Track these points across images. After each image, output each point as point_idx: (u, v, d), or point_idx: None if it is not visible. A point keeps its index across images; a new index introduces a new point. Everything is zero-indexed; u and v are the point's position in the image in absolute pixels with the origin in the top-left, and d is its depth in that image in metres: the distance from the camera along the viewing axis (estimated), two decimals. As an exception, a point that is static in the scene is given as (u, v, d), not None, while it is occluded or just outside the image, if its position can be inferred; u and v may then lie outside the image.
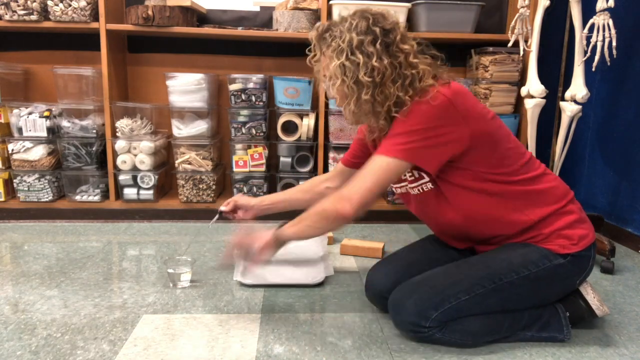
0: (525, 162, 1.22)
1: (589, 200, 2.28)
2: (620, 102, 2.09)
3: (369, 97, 1.15)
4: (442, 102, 1.12)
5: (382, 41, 1.14)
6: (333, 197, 1.18)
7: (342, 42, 1.14)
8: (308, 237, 1.26)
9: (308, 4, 2.24)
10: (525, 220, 1.21)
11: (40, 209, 2.22)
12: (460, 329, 1.18)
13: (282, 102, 2.29)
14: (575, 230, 1.21)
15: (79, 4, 2.09)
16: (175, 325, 1.28)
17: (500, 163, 1.19)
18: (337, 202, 1.16)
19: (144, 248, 1.90)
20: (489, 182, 1.19)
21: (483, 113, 1.19)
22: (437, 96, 1.12)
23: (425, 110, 1.12)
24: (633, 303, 1.49)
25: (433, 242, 1.46)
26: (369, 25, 1.14)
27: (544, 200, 1.21)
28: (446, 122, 1.13)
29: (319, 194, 1.55)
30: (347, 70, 1.14)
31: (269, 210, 1.63)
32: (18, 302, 1.41)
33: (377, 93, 1.15)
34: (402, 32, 1.17)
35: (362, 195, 1.15)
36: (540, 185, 1.22)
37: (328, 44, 1.18)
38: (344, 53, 1.14)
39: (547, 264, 1.18)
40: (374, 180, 1.15)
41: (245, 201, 1.62)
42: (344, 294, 1.50)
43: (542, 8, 1.98)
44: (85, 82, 2.23)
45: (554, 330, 1.23)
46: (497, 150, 1.19)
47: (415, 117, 1.13)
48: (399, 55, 1.15)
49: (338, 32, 1.16)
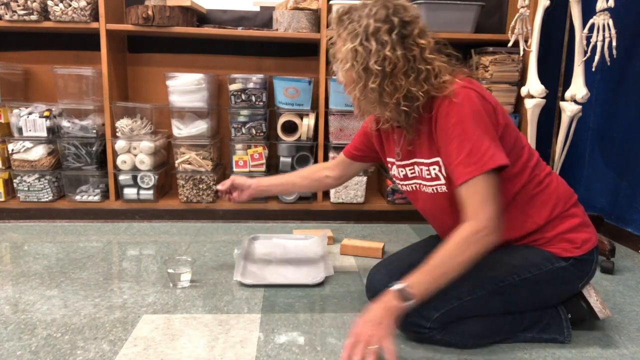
0: (535, 162, 1.21)
1: (589, 200, 2.28)
2: (620, 102, 2.09)
3: (375, 86, 1.12)
4: (470, 95, 1.09)
5: (399, 32, 1.11)
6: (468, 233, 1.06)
7: (359, 27, 1.12)
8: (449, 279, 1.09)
9: (308, 4, 2.24)
10: (531, 223, 1.20)
11: (40, 209, 2.22)
12: (461, 331, 1.18)
13: (282, 102, 2.29)
14: (579, 234, 1.20)
15: (79, 4, 2.09)
16: (175, 325, 1.28)
17: (515, 162, 1.17)
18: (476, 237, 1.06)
19: (144, 248, 1.90)
20: (506, 182, 1.16)
21: (502, 107, 1.18)
22: (461, 92, 1.10)
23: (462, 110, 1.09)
24: (633, 303, 1.49)
25: (435, 243, 1.45)
26: (388, 14, 1.11)
27: (549, 203, 1.20)
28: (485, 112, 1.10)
29: (318, 181, 1.56)
30: (358, 55, 1.12)
31: (266, 192, 1.64)
32: (18, 302, 1.41)
33: (386, 83, 1.12)
34: (422, 26, 1.14)
35: (493, 218, 1.06)
36: (546, 188, 1.20)
37: (345, 26, 1.15)
38: (358, 38, 1.11)
39: (549, 267, 1.18)
40: (490, 200, 1.07)
41: (242, 181, 1.61)
42: (344, 294, 1.50)
43: (542, 8, 1.98)
44: (85, 82, 2.22)
45: (554, 332, 1.23)
46: (516, 146, 1.18)
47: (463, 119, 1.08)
48: (414, 49, 1.11)
49: (357, 16, 1.14)
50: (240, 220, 2.29)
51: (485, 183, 1.07)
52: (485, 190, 1.07)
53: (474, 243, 1.05)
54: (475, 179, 1.06)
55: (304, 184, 1.59)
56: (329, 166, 1.58)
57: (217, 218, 2.29)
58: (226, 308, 1.39)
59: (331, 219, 2.32)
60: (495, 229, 1.06)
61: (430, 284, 1.07)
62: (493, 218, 1.06)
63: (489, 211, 1.06)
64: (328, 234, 1.98)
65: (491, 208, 1.06)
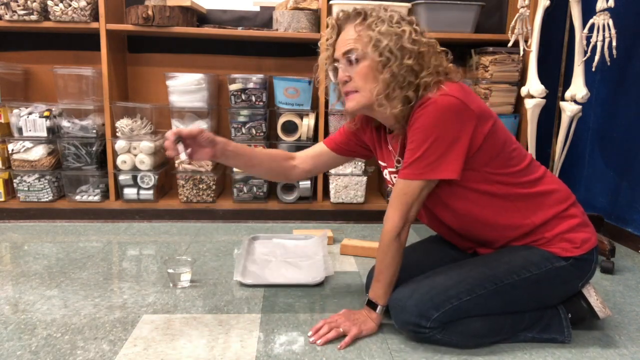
0: (527, 164, 1.22)
1: (589, 200, 2.28)
2: (620, 102, 2.09)
3: (411, 62, 1.12)
4: (443, 104, 1.11)
5: (415, 27, 1.16)
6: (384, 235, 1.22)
7: (383, 15, 1.14)
8: (392, 275, 1.22)
9: (308, 4, 2.24)
10: (527, 223, 1.21)
11: (40, 209, 2.22)
12: (461, 330, 1.18)
13: (282, 102, 2.29)
14: (578, 233, 1.20)
15: (79, 4, 2.09)
16: (175, 325, 1.28)
17: (506, 164, 1.19)
18: (383, 233, 1.22)
19: (144, 248, 1.90)
20: (495, 183, 1.19)
21: (491, 113, 1.19)
22: (438, 99, 1.11)
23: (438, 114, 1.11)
24: (633, 303, 1.49)
25: (434, 243, 1.46)
26: (401, 16, 1.16)
27: (546, 203, 1.21)
28: (462, 122, 1.12)
29: (284, 168, 1.41)
30: (393, 36, 1.12)
31: (229, 158, 1.32)
32: (18, 302, 1.41)
33: (416, 63, 1.13)
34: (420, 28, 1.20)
35: (400, 216, 1.19)
36: (542, 188, 1.21)
37: (361, 19, 1.16)
38: (385, 23, 1.13)
39: (548, 267, 1.18)
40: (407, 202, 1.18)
41: (211, 136, 1.25)
42: (344, 294, 1.50)
43: (542, 8, 1.98)
44: (85, 82, 2.23)
45: (554, 332, 1.23)
46: (504, 150, 1.18)
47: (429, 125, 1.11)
48: (430, 41, 1.17)
49: (374, 13, 1.16)
50: (240, 220, 2.29)
51: (414, 189, 1.16)
52: (411, 197, 1.17)
53: (391, 243, 1.20)
54: (408, 182, 1.16)
55: (270, 167, 1.40)
56: (301, 158, 1.43)
57: (217, 218, 2.29)
58: (226, 308, 1.39)
59: (331, 219, 2.32)
60: (396, 236, 1.19)
61: (384, 287, 1.22)
62: (398, 226, 1.18)
63: (400, 216, 1.18)
64: (328, 234, 1.98)
65: (404, 214, 1.18)
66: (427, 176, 1.15)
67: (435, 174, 1.14)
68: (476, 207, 1.21)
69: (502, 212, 1.21)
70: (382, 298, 1.23)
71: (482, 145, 1.15)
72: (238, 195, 2.32)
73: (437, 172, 1.14)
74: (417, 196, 1.17)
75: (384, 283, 1.22)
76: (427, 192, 1.19)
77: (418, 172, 1.15)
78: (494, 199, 1.20)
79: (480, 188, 1.19)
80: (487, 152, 1.16)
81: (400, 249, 1.21)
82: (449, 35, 2.24)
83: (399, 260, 1.22)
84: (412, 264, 1.34)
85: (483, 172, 1.18)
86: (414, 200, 1.17)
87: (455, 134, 1.11)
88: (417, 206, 1.19)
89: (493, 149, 1.17)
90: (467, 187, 1.19)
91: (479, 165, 1.17)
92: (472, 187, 1.19)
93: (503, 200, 1.20)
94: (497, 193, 1.19)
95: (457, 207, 1.23)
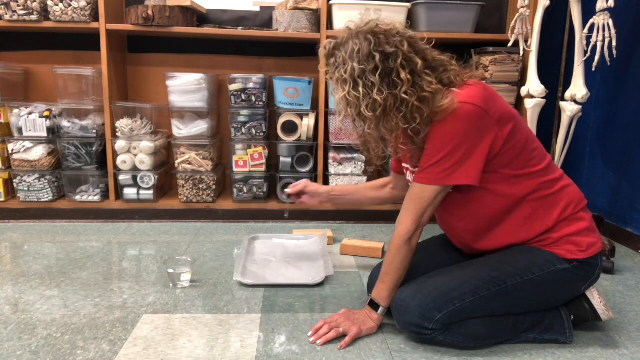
0: (547, 163, 1.21)
1: (589, 200, 2.26)
2: (620, 102, 2.08)
3: (373, 129, 1.15)
4: (462, 112, 1.10)
5: (382, 70, 1.09)
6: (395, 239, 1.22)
7: (345, 73, 1.12)
8: (398, 278, 1.23)
9: (308, 4, 2.24)
10: (541, 224, 1.20)
11: (40, 209, 2.22)
12: (463, 332, 1.17)
13: (282, 102, 2.29)
14: (585, 237, 1.20)
15: (79, 4, 2.09)
16: (175, 325, 1.28)
17: (526, 164, 1.18)
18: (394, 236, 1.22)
19: (144, 248, 1.90)
20: (515, 185, 1.18)
21: (512, 114, 1.17)
22: (457, 109, 1.10)
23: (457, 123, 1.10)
24: (633, 303, 1.49)
25: (437, 244, 1.46)
26: (370, 50, 1.10)
27: (560, 205, 1.20)
28: (481, 130, 1.11)
29: (385, 194, 1.57)
30: (350, 104, 1.14)
31: (336, 200, 1.63)
32: (18, 302, 1.41)
33: (382, 125, 1.14)
34: (406, 51, 1.11)
35: (413, 220, 1.19)
36: (558, 190, 1.21)
37: (332, 72, 1.17)
38: (347, 84, 1.12)
39: (551, 269, 1.18)
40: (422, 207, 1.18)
41: (314, 188, 1.62)
42: (344, 294, 1.50)
43: (542, 8, 1.98)
44: (85, 82, 2.23)
45: (556, 333, 1.23)
46: (525, 150, 1.18)
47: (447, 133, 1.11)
48: (398, 83, 1.10)
49: (341, 59, 1.13)
50: (240, 220, 2.29)
51: (430, 194, 1.17)
52: (426, 202, 1.17)
53: (401, 247, 1.20)
54: (424, 186, 1.17)
55: (373, 195, 1.58)
56: (392, 180, 1.57)
57: (217, 218, 2.29)
58: (226, 308, 1.39)
59: (331, 219, 2.32)
60: (407, 240, 1.19)
61: (388, 290, 1.22)
62: (410, 231, 1.19)
63: (413, 220, 1.18)
64: (328, 234, 1.98)
65: (417, 218, 1.18)
66: (443, 182, 1.15)
67: (452, 180, 1.14)
68: (489, 208, 1.21)
69: (519, 215, 1.20)
70: (385, 299, 1.23)
71: (502, 148, 1.15)
72: (238, 195, 2.32)
73: (454, 177, 1.14)
74: (432, 201, 1.17)
75: (389, 285, 1.22)
76: (443, 197, 1.19)
77: (434, 177, 1.15)
78: (511, 199, 1.19)
79: (498, 189, 1.18)
80: (508, 155, 1.16)
81: (410, 254, 1.21)
82: (449, 35, 2.24)
83: (407, 265, 1.22)
84: (415, 265, 1.34)
85: (503, 173, 1.17)
86: (428, 205, 1.17)
87: (473, 142, 1.11)
88: (431, 211, 1.19)
89: (514, 151, 1.16)
90: (486, 189, 1.19)
91: (499, 167, 1.17)
92: (490, 188, 1.18)
93: (522, 202, 1.19)
94: (516, 195, 1.19)
95: (472, 208, 1.23)
